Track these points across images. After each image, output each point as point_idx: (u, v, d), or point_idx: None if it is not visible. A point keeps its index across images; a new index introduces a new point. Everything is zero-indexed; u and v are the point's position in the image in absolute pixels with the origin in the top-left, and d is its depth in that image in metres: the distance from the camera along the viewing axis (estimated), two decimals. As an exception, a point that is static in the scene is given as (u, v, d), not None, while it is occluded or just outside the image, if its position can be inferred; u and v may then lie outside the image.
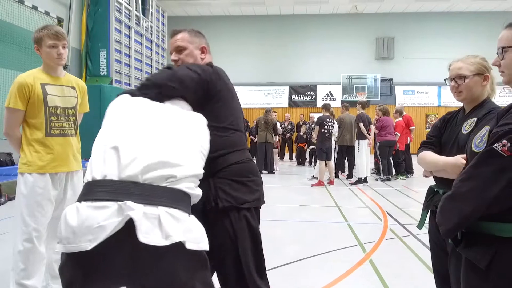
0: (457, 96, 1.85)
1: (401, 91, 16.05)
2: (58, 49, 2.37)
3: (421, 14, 15.91)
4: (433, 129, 1.99)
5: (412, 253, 3.65)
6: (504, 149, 1.08)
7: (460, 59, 1.86)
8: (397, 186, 7.71)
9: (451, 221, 1.21)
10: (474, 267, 1.21)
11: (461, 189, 1.19)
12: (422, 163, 1.88)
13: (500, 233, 1.15)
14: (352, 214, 5.36)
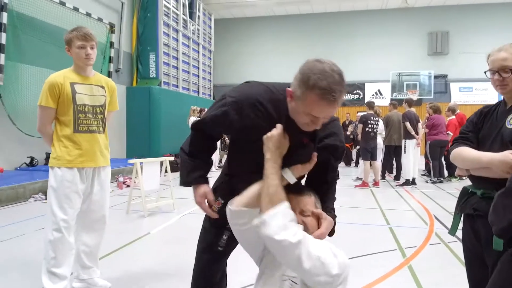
0: (501, 89, 1.65)
1: (457, 88, 15.03)
2: (86, 49, 2.47)
3: (479, 5, 14.79)
4: (469, 123, 1.80)
5: (457, 260, 3.36)
6: None
7: (503, 48, 1.65)
8: (449, 188, 7.20)
9: (505, 219, 1.13)
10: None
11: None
12: (459, 159, 1.70)
13: None
14: (395, 217, 5.07)
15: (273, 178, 1.33)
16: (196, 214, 5.07)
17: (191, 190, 1.63)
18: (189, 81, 13.89)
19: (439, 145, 7.70)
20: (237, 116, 1.43)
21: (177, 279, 2.96)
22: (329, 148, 1.54)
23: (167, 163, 5.62)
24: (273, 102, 1.45)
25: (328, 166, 1.59)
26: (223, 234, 1.64)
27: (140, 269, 3.16)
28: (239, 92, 1.48)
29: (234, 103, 1.44)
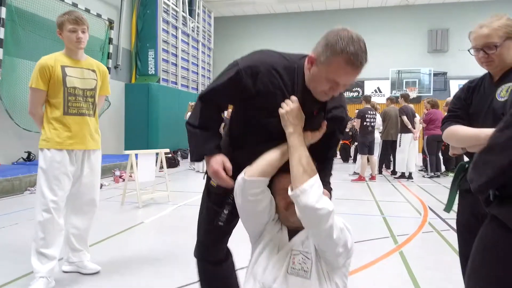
0: (487, 66, 1.62)
1: (456, 85, 14.96)
2: (78, 33, 2.49)
3: (478, 2, 14.76)
4: (457, 100, 1.76)
5: (449, 247, 3.36)
6: None
7: (484, 24, 1.61)
8: (445, 183, 7.18)
9: (484, 175, 1.09)
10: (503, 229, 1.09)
11: (499, 140, 1.06)
12: (453, 139, 1.68)
13: None
14: (390, 208, 5.06)
15: (303, 150, 1.35)
16: (191, 206, 5.09)
17: (186, 183, 1.60)
18: (188, 78, 13.91)
19: (436, 139, 7.68)
20: (251, 81, 1.38)
21: (168, 264, 2.96)
22: (336, 119, 1.53)
23: (163, 155, 5.63)
24: (287, 70, 1.43)
25: (332, 139, 1.58)
26: (224, 209, 1.59)
27: (131, 255, 3.17)
28: (253, 58, 1.44)
29: (248, 67, 1.40)
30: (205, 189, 1.70)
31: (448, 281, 2.61)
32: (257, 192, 1.40)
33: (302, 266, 1.32)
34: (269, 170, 1.41)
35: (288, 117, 1.38)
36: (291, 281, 1.30)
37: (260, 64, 1.40)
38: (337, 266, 1.32)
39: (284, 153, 1.42)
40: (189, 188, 6.53)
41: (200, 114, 1.51)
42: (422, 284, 2.56)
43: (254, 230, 1.51)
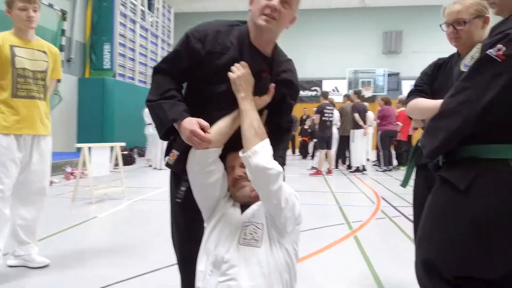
0: (455, 41, 1.70)
1: (408, 85, 15.73)
2: (28, 11, 2.36)
3: (431, 7, 15.59)
4: (423, 76, 1.84)
5: (400, 232, 3.53)
6: (499, 53, 1.01)
7: (457, 1, 1.69)
8: (398, 175, 7.53)
9: (437, 139, 1.13)
10: (451, 190, 1.14)
11: (450, 105, 1.11)
12: (416, 111, 1.72)
13: (482, 155, 1.10)
14: (345, 198, 5.23)
15: (254, 113, 1.37)
16: (148, 200, 4.96)
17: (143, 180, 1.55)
18: (146, 74, 13.56)
19: (389, 135, 8.03)
20: (200, 44, 1.42)
21: (125, 256, 2.87)
22: (285, 82, 1.55)
23: (118, 149, 5.44)
24: (233, 31, 1.47)
25: (283, 105, 1.59)
26: (181, 186, 1.56)
27: (84, 248, 3.04)
28: (200, 25, 1.50)
29: (196, 31, 1.45)
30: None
31: (399, 262, 2.74)
32: (209, 162, 1.41)
33: (253, 235, 1.33)
34: (219, 138, 1.41)
35: (240, 82, 1.40)
36: (242, 250, 1.31)
37: (207, 28, 1.47)
38: (285, 232, 1.35)
39: (234, 120, 1.43)
40: (146, 184, 6.37)
41: (158, 85, 1.47)
42: (375, 265, 2.67)
43: (206, 205, 1.50)
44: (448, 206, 1.16)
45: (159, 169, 8.31)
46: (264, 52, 1.49)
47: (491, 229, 1.08)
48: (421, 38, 15.60)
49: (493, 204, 1.07)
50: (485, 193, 1.08)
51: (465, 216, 1.11)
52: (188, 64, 1.45)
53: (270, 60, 1.51)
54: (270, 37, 1.47)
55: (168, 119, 1.40)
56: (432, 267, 1.18)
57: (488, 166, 1.09)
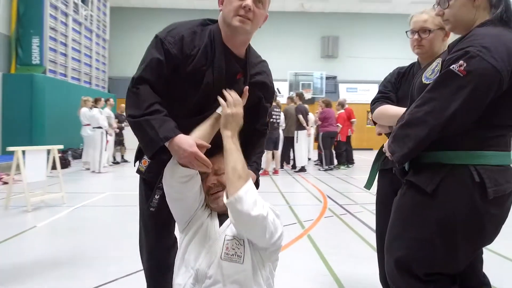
0: (417, 49, 1.78)
1: (344, 88, 16.63)
2: None
3: (364, 15, 16.62)
4: (387, 83, 1.90)
5: (349, 228, 3.72)
6: (460, 69, 1.11)
7: (425, 11, 1.79)
8: (338, 174, 7.92)
9: (405, 146, 1.21)
10: (418, 193, 1.23)
11: (417, 114, 1.19)
12: (384, 117, 1.78)
13: (450, 161, 1.19)
14: (293, 197, 5.39)
15: (239, 154, 1.32)
16: (91, 207, 4.68)
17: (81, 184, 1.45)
18: (80, 71, 12.74)
19: (330, 136, 8.41)
20: (177, 49, 1.37)
21: (74, 268, 2.68)
22: (260, 85, 1.54)
23: (56, 153, 5.06)
24: (205, 31, 1.42)
25: (259, 108, 1.58)
26: (155, 194, 1.50)
27: (25, 263, 2.78)
28: (171, 26, 1.43)
29: (170, 36, 1.38)
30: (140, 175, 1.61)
31: (352, 258, 2.90)
32: (185, 175, 1.36)
33: (235, 251, 1.31)
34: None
35: (231, 120, 1.36)
36: (225, 266, 1.29)
37: (180, 30, 1.40)
38: (267, 252, 1.34)
39: (212, 127, 1.41)
40: (86, 189, 5.99)
41: (141, 98, 1.33)
42: (331, 262, 2.80)
43: (183, 217, 1.46)
44: (417, 208, 1.25)
45: (98, 173, 7.86)
46: (237, 53, 1.45)
47: (455, 229, 1.18)
48: (355, 44, 16.54)
49: (457, 206, 1.18)
50: (450, 196, 1.19)
51: (432, 217, 1.21)
52: (166, 71, 1.37)
53: (243, 62, 1.48)
54: (245, 38, 1.43)
55: (159, 137, 1.29)
56: (403, 265, 1.27)
57: (452, 171, 1.19)
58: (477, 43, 1.14)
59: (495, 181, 1.16)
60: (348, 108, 9.35)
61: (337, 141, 8.83)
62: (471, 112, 1.14)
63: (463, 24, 1.29)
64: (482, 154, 1.19)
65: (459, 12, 1.27)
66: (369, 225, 3.78)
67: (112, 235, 3.46)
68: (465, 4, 1.26)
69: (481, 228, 1.19)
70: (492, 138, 1.20)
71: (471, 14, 1.26)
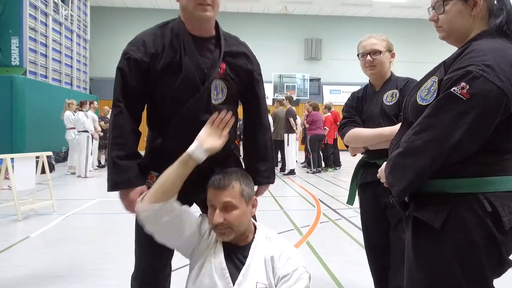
0: (370, 70, 1.91)
1: (328, 90, 16.85)
2: None
3: (346, 18, 16.88)
4: (350, 108, 1.99)
5: (345, 234, 3.80)
6: (463, 92, 1.00)
7: (372, 36, 1.95)
8: (327, 177, 8.04)
9: (405, 179, 1.09)
10: (426, 230, 1.11)
11: (416, 142, 1.07)
12: (358, 140, 1.85)
13: (455, 190, 1.08)
14: (286, 202, 5.44)
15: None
16: (82, 215, 4.59)
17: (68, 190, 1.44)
18: (60, 72, 12.44)
19: (317, 138, 8.52)
20: (141, 53, 1.41)
21: (66, 280, 2.64)
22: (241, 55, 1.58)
23: (45, 159, 4.94)
24: (167, 29, 1.47)
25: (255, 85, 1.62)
26: None
27: (23, 275, 2.72)
28: (131, 40, 1.48)
29: (131, 45, 1.44)
30: None
31: (353, 264, 2.97)
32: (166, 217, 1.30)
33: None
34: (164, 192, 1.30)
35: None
36: None
37: (140, 36, 1.46)
38: None
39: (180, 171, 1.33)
40: (75, 195, 5.87)
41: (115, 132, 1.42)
42: (333, 269, 2.85)
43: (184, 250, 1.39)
44: (429, 248, 1.13)
45: (84, 177, 7.71)
46: (206, 36, 1.49)
47: (473, 263, 1.08)
48: (338, 46, 16.78)
49: (473, 240, 1.06)
50: (463, 230, 1.07)
51: (447, 255, 1.09)
52: (137, 80, 1.42)
53: (215, 38, 1.52)
54: (210, 23, 1.49)
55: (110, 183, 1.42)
56: None
57: (459, 202, 1.07)
58: (479, 61, 1.03)
59: (508, 209, 1.06)
60: (335, 111, 9.49)
61: (325, 144, 8.95)
62: (476, 138, 1.03)
63: (457, 33, 1.20)
64: (490, 181, 1.07)
65: (455, 19, 1.18)
66: (364, 229, 3.87)
67: (104, 246, 3.41)
68: (461, 12, 1.16)
69: (503, 259, 1.08)
70: (499, 163, 1.09)
71: (467, 23, 1.17)
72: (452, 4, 1.18)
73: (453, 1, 1.17)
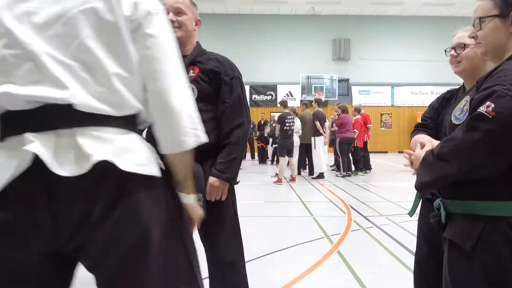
0: (455, 67, 1.71)
1: (357, 91, 16.57)
2: None
3: (375, 17, 16.54)
4: (429, 109, 1.87)
5: (377, 243, 3.72)
6: (488, 110, 1.03)
7: (464, 29, 1.71)
8: (357, 181, 7.91)
9: (428, 175, 1.15)
10: (459, 251, 1.14)
11: (444, 149, 1.12)
12: (414, 146, 1.72)
13: (485, 212, 1.10)
14: (316, 208, 5.40)
15: None
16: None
17: None
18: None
19: (347, 142, 8.40)
20: None
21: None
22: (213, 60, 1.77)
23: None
24: None
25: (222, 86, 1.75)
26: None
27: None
28: None
29: None
30: None
31: (386, 277, 2.90)
32: None
33: None
34: None
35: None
36: None
37: None
38: None
39: None
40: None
41: None
42: (365, 282, 2.80)
43: None
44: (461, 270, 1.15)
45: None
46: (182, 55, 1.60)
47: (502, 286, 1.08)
48: (367, 46, 16.47)
49: (501, 262, 1.07)
50: (492, 252, 1.08)
51: (477, 277, 1.10)
52: None
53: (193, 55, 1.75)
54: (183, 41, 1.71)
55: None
56: None
57: (489, 224, 1.09)
58: (506, 80, 1.04)
59: None
60: (364, 113, 9.33)
61: (354, 147, 8.82)
62: (502, 157, 1.04)
63: (494, 50, 1.21)
64: None
65: (491, 35, 1.18)
66: (397, 239, 3.78)
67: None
68: (498, 28, 1.17)
69: None
70: None
71: (503, 39, 1.17)
72: (490, 20, 1.18)
73: (491, 17, 1.17)
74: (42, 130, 0.88)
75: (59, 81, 0.88)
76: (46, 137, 0.87)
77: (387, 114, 16.53)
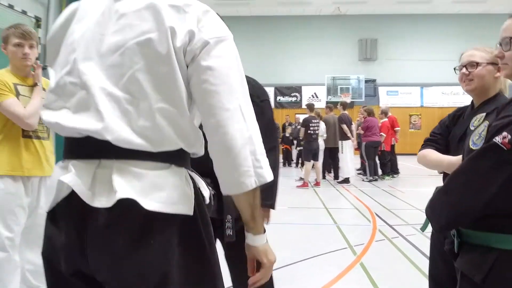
0: (466, 85, 1.70)
1: (384, 92, 16.22)
2: (24, 48, 2.27)
3: (402, 16, 16.13)
4: (440, 126, 1.86)
5: (402, 255, 3.62)
6: (504, 141, 0.99)
7: (475, 47, 1.72)
8: (383, 186, 7.73)
9: (442, 217, 1.13)
10: (469, 281, 1.11)
11: (455, 183, 1.10)
12: (423, 162, 1.78)
13: (497, 245, 1.07)
14: (340, 215, 5.32)
15: None
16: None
17: None
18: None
19: (373, 145, 8.24)
20: None
21: None
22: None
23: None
24: None
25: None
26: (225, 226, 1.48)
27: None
28: None
29: None
30: None
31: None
32: None
33: None
34: None
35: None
36: None
37: None
38: None
39: None
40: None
41: None
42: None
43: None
44: None
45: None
46: None
47: None
48: (394, 46, 16.09)
49: None
50: (502, 285, 1.06)
51: None
52: None
53: None
54: None
55: None
56: None
57: (501, 257, 1.06)
58: None
59: None
60: (392, 116, 9.11)
61: (381, 151, 8.63)
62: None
63: None
64: None
65: None
66: (423, 250, 3.66)
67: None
68: None
69: None
70: None
71: None
72: None
73: None
74: (86, 158, 0.90)
75: (99, 114, 0.88)
76: (87, 166, 0.89)
77: (416, 115, 16.08)
